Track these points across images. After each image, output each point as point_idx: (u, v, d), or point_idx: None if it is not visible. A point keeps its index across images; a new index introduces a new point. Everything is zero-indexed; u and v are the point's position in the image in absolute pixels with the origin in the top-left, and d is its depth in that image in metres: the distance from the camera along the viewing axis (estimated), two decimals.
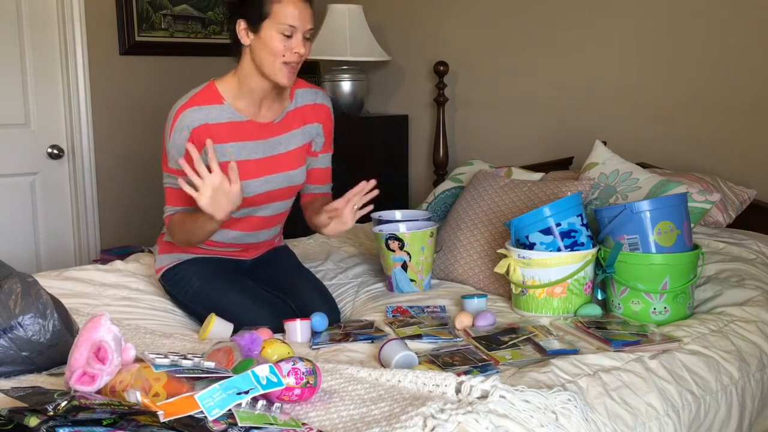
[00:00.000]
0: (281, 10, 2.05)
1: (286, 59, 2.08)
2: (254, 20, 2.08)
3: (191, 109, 2.13)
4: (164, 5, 3.87)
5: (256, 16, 2.07)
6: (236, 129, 2.17)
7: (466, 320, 2.04)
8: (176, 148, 2.11)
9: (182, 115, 2.12)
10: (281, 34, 2.06)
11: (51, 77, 3.53)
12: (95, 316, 1.44)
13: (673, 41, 2.87)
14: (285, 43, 2.07)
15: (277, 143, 2.24)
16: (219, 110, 2.15)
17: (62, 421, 1.17)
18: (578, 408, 1.46)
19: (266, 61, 2.09)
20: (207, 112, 2.14)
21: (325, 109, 2.35)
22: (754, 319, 2.03)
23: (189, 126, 2.11)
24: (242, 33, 2.11)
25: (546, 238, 2.09)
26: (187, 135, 2.10)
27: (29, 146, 3.51)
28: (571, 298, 2.08)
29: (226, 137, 2.14)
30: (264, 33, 2.07)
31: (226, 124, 2.15)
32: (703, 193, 2.42)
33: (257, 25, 2.08)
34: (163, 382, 1.33)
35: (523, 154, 3.24)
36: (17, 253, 3.37)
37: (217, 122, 2.14)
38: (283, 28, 2.06)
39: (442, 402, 1.39)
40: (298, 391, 1.43)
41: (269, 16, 2.06)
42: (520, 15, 3.32)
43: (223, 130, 2.14)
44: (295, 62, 2.11)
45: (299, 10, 2.07)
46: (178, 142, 2.11)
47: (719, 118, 2.77)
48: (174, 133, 2.12)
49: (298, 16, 2.07)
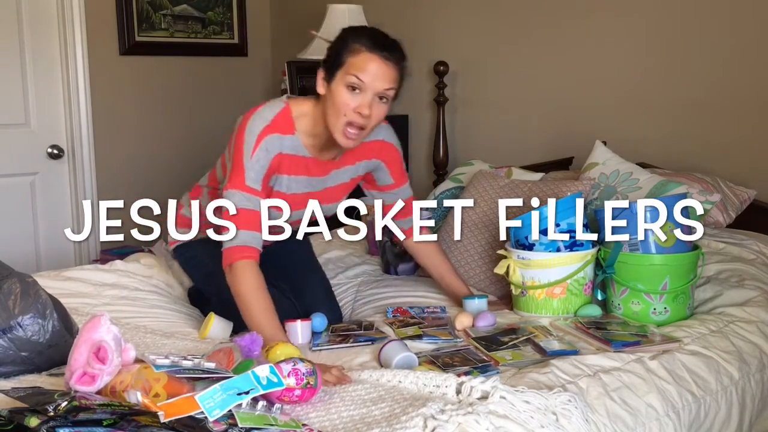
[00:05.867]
0: (354, 61, 1.93)
1: (348, 118, 1.94)
2: (331, 69, 1.96)
3: (273, 136, 2.00)
4: (164, 5, 3.88)
5: (333, 65, 1.96)
6: (300, 163, 2.07)
7: (466, 321, 2.03)
8: (258, 169, 1.97)
9: (266, 139, 1.99)
10: (348, 86, 1.93)
11: (51, 77, 3.53)
12: (95, 317, 1.44)
13: (674, 41, 2.87)
14: (351, 99, 1.93)
15: (331, 178, 2.16)
16: (290, 141, 2.04)
17: (62, 422, 1.17)
18: (578, 409, 1.46)
19: (330, 114, 1.96)
20: (282, 141, 2.02)
21: (387, 146, 2.22)
22: (754, 319, 2.03)
23: (271, 152, 2.00)
24: (320, 81, 1.99)
25: (545, 238, 2.08)
26: (269, 160, 1.99)
27: (29, 146, 3.51)
28: (570, 299, 2.08)
29: (288, 169, 2.06)
30: (334, 84, 1.95)
31: (293, 156, 2.05)
32: (703, 193, 2.42)
33: (331, 75, 1.96)
34: (163, 383, 1.33)
35: (523, 154, 3.24)
36: (17, 253, 3.36)
37: (288, 153, 2.04)
38: (351, 80, 1.92)
39: (443, 403, 1.39)
40: (299, 392, 1.43)
41: (342, 65, 1.94)
42: (520, 15, 3.32)
43: (290, 161, 2.05)
44: (358, 123, 1.95)
45: (375, 66, 1.93)
46: (262, 162, 1.98)
47: (719, 118, 2.77)
48: (257, 154, 1.97)
49: (372, 71, 1.92)
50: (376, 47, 1.94)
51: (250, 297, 1.89)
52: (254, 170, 1.96)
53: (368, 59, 1.93)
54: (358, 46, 1.94)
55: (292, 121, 2.04)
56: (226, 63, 4.17)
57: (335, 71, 1.95)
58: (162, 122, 3.91)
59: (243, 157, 1.97)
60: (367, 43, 1.95)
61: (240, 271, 1.90)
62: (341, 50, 1.96)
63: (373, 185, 2.27)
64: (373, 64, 1.92)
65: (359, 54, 1.93)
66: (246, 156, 1.97)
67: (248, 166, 1.96)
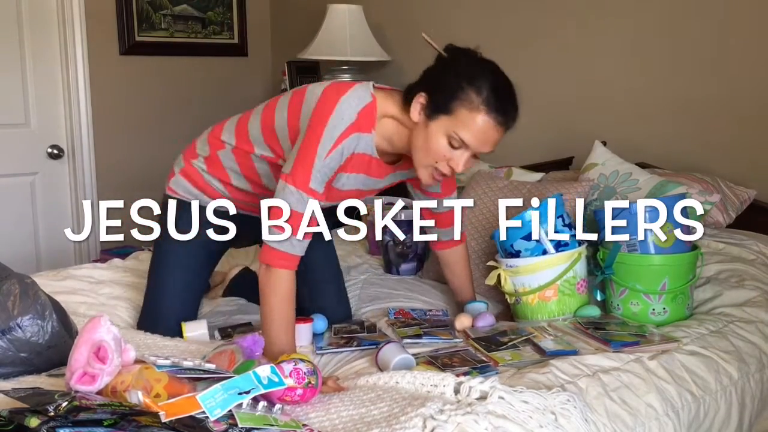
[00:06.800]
0: (464, 118, 1.73)
1: (439, 167, 1.79)
2: (434, 107, 1.76)
3: (354, 136, 1.82)
4: (164, 5, 3.88)
5: (440, 104, 1.75)
6: (363, 161, 1.90)
7: (466, 321, 2.04)
8: (327, 172, 1.81)
9: (347, 141, 1.80)
10: (449, 140, 1.76)
11: (51, 77, 3.53)
12: (94, 317, 1.44)
13: (673, 41, 2.87)
14: (448, 151, 1.76)
15: (387, 180, 2.03)
16: (366, 140, 1.85)
17: (63, 422, 1.17)
18: (577, 408, 1.46)
19: (419, 149, 1.80)
20: (359, 141, 1.84)
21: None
22: (753, 319, 2.03)
23: (346, 154, 1.83)
24: (416, 106, 1.78)
25: (529, 244, 2.08)
26: (339, 163, 1.83)
27: (29, 146, 3.51)
28: (564, 300, 2.07)
29: (353, 167, 1.90)
30: (434, 125, 1.76)
31: (361, 154, 1.88)
32: (703, 193, 2.42)
33: (434, 113, 1.76)
34: (164, 383, 1.33)
35: (523, 154, 3.23)
36: (17, 253, 3.37)
37: (359, 152, 1.87)
38: (454, 138, 1.74)
39: (442, 403, 1.39)
40: (300, 391, 1.44)
41: (451, 114, 1.74)
42: (520, 15, 3.32)
43: (357, 160, 1.88)
44: (446, 173, 1.82)
45: (485, 131, 1.74)
46: (333, 165, 1.81)
47: (719, 118, 2.77)
48: (334, 154, 1.79)
49: (479, 135, 1.74)
50: (497, 110, 1.75)
51: (277, 307, 1.80)
52: (323, 173, 1.79)
53: (483, 124, 1.74)
54: (476, 100, 1.73)
55: (375, 120, 1.85)
56: (226, 63, 4.17)
57: (440, 113, 1.75)
58: (162, 122, 3.91)
59: (317, 153, 1.77)
60: (489, 101, 1.74)
61: (276, 278, 1.80)
62: (456, 95, 1.74)
63: (420, 188, 2.11)
64: (488, 130, 1.75)
65: (474, 113, 1.73)
66: (320, 154, 1.78)
67: (318, 166, 1.78)
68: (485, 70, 1.80)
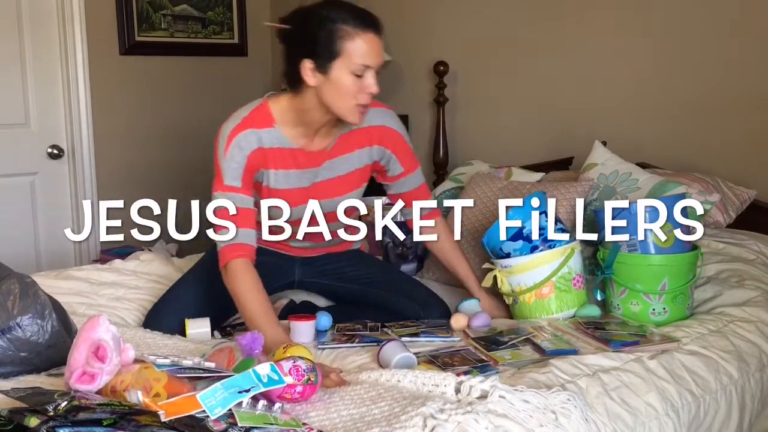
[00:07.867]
0: (354, 49, 1.90)
1: (359, 101, 1.95)
2: (323, 60, 1.92)
3: (245, 133, 2.01)
4: (164, 5, 3.88)
5: (325, 55, 1.91)
6: (285, 156, 2.06)
7: (462, 320, 2.05)
8: (234, 167, 1.99)
9: (238, 137, 2.00)
10: (353, 74, 1.92)
11: (51, 77, 3.53)
12: (93, 317, 1.45)
13: (674, 41, 2.87)
14: (357, 84, 1.93)
15: (326, 170, 2.13)
16: (269, 134, 2.03)
17: (62, 422, 1.17)
18: (578, 408, 1.46)
19: (336, 102, 1.95)
20: (259, 136, 2.02)
21: (390, 132, 2.18)
22: (753, 319, 2.03)
23: (246, 148, 2.00)
24: (308, 73, 1.94)
25: (516, 244, 2.08)
26: (244, 156, 2.00)
27: (29, 146, 3.51)
28: (561, 296, 2.08)
29: (275, 163, 2.05)
30: (334, 73, 1.92)
31: (278, 149, 2.05)
32: (702, 193, 2.42)
33: (326, 65, 1.92)
34: (163, 383, 1.33)
35: (523, 155, 3.24)
36: (17, 253, 3.37)
37: (270, 147, 2.04)
38: (356, 68, 1.91)
39: (442, 402, 1.39)
40: (300, 388, 1.43)
41: (340, 55, 1.90)
42: (521, 15, 3.32)
43: (275, 155, 2.05)
44: (368, 103, 1.98)
45: (372, 46, 1.93)
46: (237, 159, 2.00)
47: (719, 118, 2.77)
48: (230, 152, 1.99)
49: (372, 53, 1.93)
50: (367, 24, 1.93)
51: (246, 298, 1.91)
52: (230, 168, 1.98)
53: (368, 41, 1.92)
54: (350, 30, 1.91)
55: (270, 115, 2.03)
56: (226, 63, 4.17)
57: (331, 61, 1.91)
58: (162, 122, 3.91)
59: (218, 159, 2.00)
60: (356, 22, 1.92)
61: (235, 269, 1.92)
62: (332, 38, 1.90)
63: (386, 176, 2.24)
64: (373, 43, 1.92)
65: (356, 38, 1.91)
66: (220, 157, 2.00)
67: (224, 166, 1.99)
68: (326, 6, 1.97)
